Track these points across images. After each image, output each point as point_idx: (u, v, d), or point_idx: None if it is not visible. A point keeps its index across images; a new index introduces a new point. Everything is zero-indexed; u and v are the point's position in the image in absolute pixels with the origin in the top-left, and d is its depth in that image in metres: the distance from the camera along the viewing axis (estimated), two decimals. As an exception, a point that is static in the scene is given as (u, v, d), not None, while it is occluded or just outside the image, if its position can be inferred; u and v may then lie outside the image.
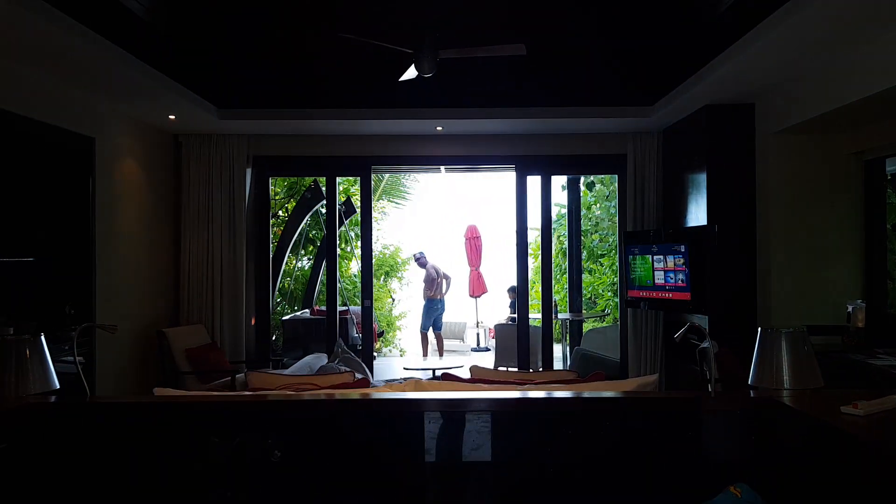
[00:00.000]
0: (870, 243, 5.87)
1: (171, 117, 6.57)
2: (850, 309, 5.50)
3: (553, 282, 14.00)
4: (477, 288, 13.57)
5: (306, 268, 12.02)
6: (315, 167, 7.70)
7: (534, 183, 7.82)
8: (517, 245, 7.79)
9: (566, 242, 10.34)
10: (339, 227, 10.75)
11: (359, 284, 13.06)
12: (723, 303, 6.14)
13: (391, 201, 15.09)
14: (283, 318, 8.70)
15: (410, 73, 4.99)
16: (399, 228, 15.50)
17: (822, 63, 4.97)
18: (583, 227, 12.79)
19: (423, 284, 12.10)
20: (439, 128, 7.13)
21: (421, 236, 15.88)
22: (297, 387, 2.79)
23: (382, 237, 14.94)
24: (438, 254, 16.18)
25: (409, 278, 15.29)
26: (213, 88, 6.47)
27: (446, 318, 13.26)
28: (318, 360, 5.64)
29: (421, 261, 12.37)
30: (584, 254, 13.06)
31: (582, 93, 6.77)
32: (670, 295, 6.50)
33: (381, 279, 14.60)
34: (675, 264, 6.41)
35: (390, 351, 13.34)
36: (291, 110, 6.81)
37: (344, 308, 9.59)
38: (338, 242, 11.60)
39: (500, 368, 8.29)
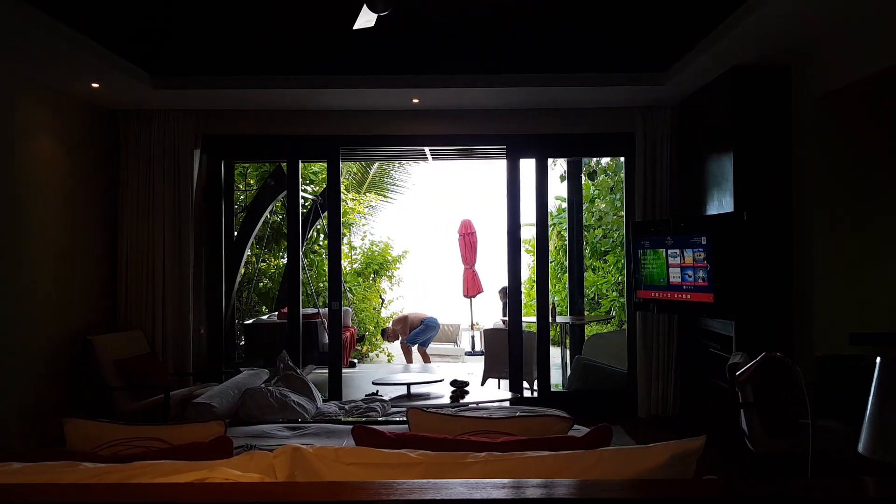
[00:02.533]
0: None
1: (95, 86, 5.54)
2: (914, 314, 4.45)
3: (553, 281, 13.12)
4: (472, 287, 12.59)
5: (283, 265, 11.00)
6: (274, 149, 6.67)
7: (529, 169, 6.79)
8: (508, 239, 6.76)
9: (567, 238, 9.28)
10: (316, 221, 9.72)
11: (342, 283, 12.16)
12: (752, 305, 5.09)
13: (380, 194, 14.05)
14: (245, 322, 7.68)
15: (365, 16, 3.96)
16: (389, 223, 14.48)
17: (879, 5, 3.93)
18: (585, 222, 11.79)
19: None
20: (416, 99, 6.09)
21: (412, 232, 14.89)
22: (129, 448, 1.80)
23: (371, 233, 13.93)
24: (431, 252, 15.21)
25: (400, 276, 14.24)
26: (145, 52, 5.45)
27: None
28: (253, 378, 4.62)
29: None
30: (587, 250, 12.06)
31: (582, 56, 5.72)
32: (688, 296, 5.45)
33: (371, 278, 13.58)
34: (694, 259, 5.36)
35: (377, 356, 12.30)
36: (240, 77, 5.78)
37: (314, 311, 8.56)
38: (308, 237, 10.60)
39: (490, 380, 7.26)
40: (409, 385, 5.74)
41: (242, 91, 5.89)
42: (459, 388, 5.65)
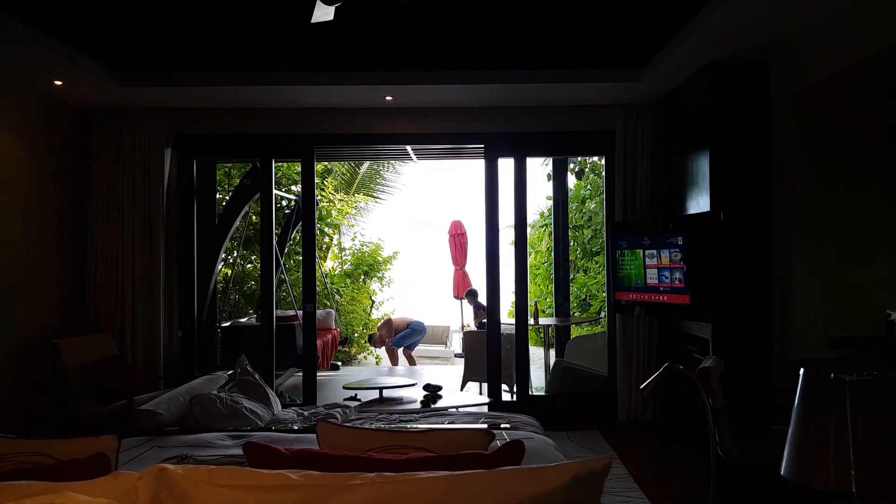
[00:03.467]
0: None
1: (58, 83, 5.42)
2: (893, 316, 4.30)
3: (547, 282, 12.96)
4: (462, 288, 12.44)
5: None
6: (248, 148, 6.54)
7: (509, 168, 6.62)
8: (486, 240, 6.62)
9: (553, 238, 9.13)
10: (300, 221, 9.56)
11: (329, 285, 12.02)
12: (729, 307, 4.95)
13: (370, 195, 13.92)
14: (223, 325, 7.55)
15: (321, 9, 3.83)
16: (381, 224, 14.35)
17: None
18: (576, 222, 11.65)
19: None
20: (389, 97, 5.96)
21: (403, 233, 14.75)
22: (9, 464, 1.67)
23: (362, 234, 13.80)
24: (421, 252, 15.07)
25: (390, 277, 14.10)
26: (110, 50, 5.32)
27: (428, 321, 12.13)
28: (209, 383, 4.49)
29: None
30: (579, 251, 11.91)
31: (560, 52, 5.59)
32: (665, 298, 5.31)
33: (361, 279, 13.44)
34: (671, 260, 5.22)
35: (366, 358, 12.16)
36: (209, 74, 5.66)
37: (292, 313, 8.42)
38: (292, 237, 10.46)
39: (469, 386, 7.12)
40: (381, 389, 5.60)
41: (213, 89, 5.77)
42: (432, 392, 5.51)
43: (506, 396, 6.65)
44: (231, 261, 9.45)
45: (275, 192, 9.91)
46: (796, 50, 4.57)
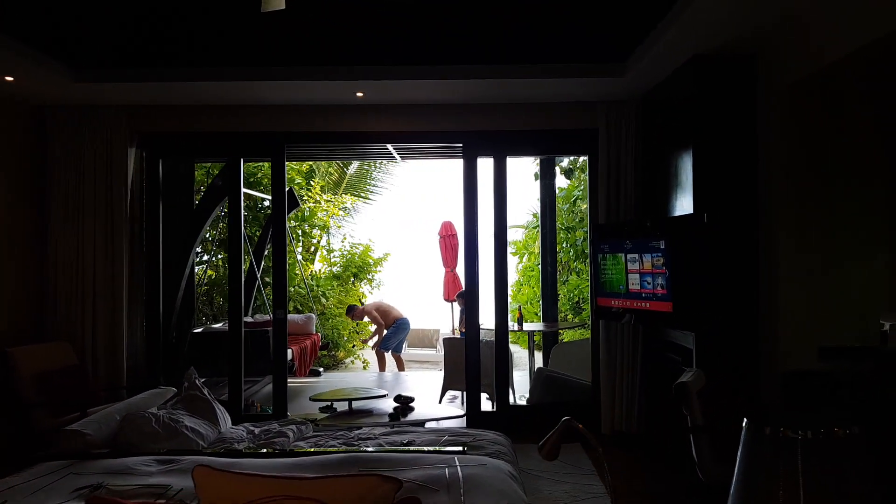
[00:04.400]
0: (912, 236, 4.38)
1: (9, 79, 5.15)
2: (885, 326, 4.02)
3: (531, 285, 12.66)
4: (453, 291, 12.15)
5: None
6: (216, 147, 6.27)
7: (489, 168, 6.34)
8: (465, 243, 6.35)
9: (540, 240, 8.85)
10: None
11: (315, 287, 11.75)
12: (714, 316, 4.66)
13: (358, 196, 13.65)
14: (194, 331, 7.28)
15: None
16: (371, 225, 14.09)
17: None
18: (568, 223, 11.37)
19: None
20: (359, 93, 5.69)
21: (394, 234, 14.50)
22: None
23: (351, 235, 13.52)
24: (412, 254, 14.79)
25: (380, 279, 13.82)
26: (65, 44, 5.05)
27: (417, 324, 11.86)
28: (154, 398, 4.21)
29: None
30: (571, 252, 11.62)
31: (540, 46, 5.30)
32: (647, 304, 5.02)
33: (350, 281, 13.16)
34: (653, 265, 4.94)
35: (353, 362, 11.89)
36: (171, 69, 5.41)
37: (267, 318, 8.15)
38: (257, 238, 10.17)
39: (449, 395, 6.84)
40: (350, 401, 5.32)
41: (176, 84, 5.51)
42: (403, 404, 5.24)
43: (487, 405, 6.37)
44: (214, 263, 9.17)
45: (254, 192, 9.72)
46: (785, 42, 4.29)
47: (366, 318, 10.52)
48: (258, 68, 5.36)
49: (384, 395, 5.39)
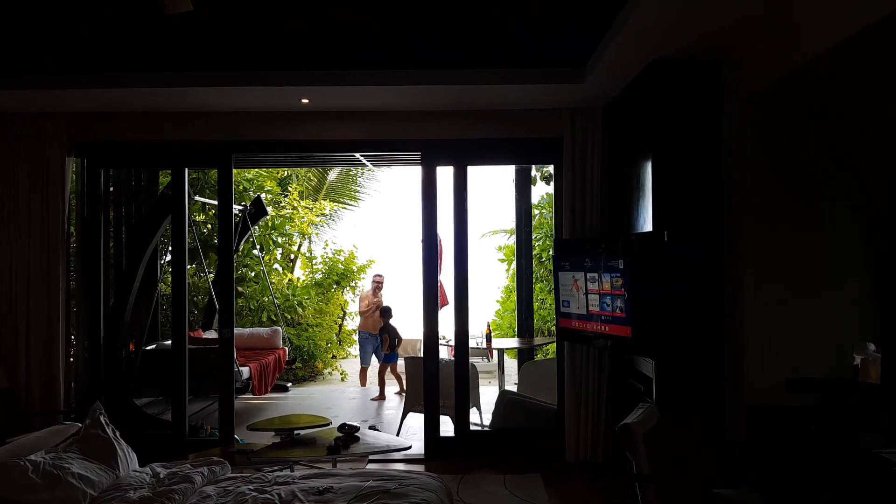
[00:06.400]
0: (888, 258, 4.01)
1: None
2: (857, 360, 3.65)
3: (513, 299, 12.27)
4: (439, 299, 11.77)
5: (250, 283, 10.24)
6: (160, 156, 5.92)
7: (472, 175, 5.96)
8: (424, 253, 6.02)
9: (515, 251, 8.48)
10: (246, 233, 8.97)
11: (291, 297, 11.39)
12: (675, 342, 4.30)
13: (340, 201, 13.31)
14: (145, 348, 6.94)
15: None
16: (351, 231, 13.74)
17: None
18: (549, 232, 10.99)
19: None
20: (304, 100, 5.34)
21: (378, 240, 14.15)
22: None
23: (334, 241, 13.18)
24: (396, 261, 14.42)
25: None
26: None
27: (403, 334, 11.41)
28: (52, 437, 3.84)
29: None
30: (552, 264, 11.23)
31: (497, 49, 4.96)
32: (607, 328, 4.66)
33: (332, 289, 12.80)
34: (612, 286, 4.57)
35: (330, 374, 11.54)
36: (104, 76, 5.09)
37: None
38: (240, 249, 9.84)
39: (410, 417, 6.48)
40: (291, 431, 4.97)
41: (112, 91, 5.18)
42: (347, 433, 4.88)
43: (449, 430, 6.00)
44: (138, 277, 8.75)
45: (208, 201, 9.36)
46: (752, 44, 3.92)
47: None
48: (195, 73, 5.02)
49: (327, 425, 5.03)
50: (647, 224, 4.52)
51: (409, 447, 4.77)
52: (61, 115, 5.63)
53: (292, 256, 12.75)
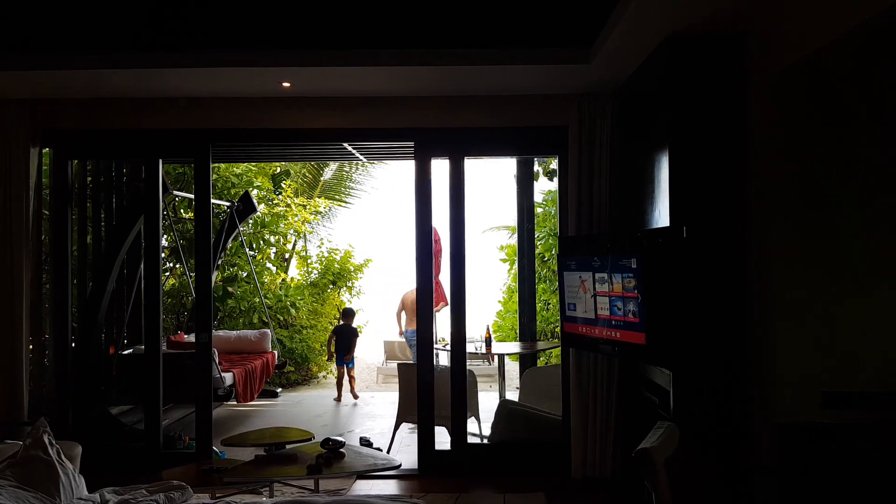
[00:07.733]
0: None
1: None
2: (907, 372, 3.18)
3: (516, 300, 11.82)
4: (436, 299, 11.34)
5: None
6: (133, 146, 5.49)
7: (474, 168, 5.51)
8: (417, 255, 5.58)
9: (517, 250, 8.03)
10: (234, 231, 8.52)
11: (283, 298, 10.94)
12: (694, 350, 3.84)
13: (336, 198, 12.87)
14: (122, 353, 6.50)
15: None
16: (348, 230, 13.32)
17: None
18: (554, 229, 10.53)
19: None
20: (286, 83, 4.90)
21: (377, 239, 13.74)
22: None
23: (330, 240, 12.74)
24: (394, 260, 13.99)
25: (360, 287, 13.01)
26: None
27: (395, 335, 10.98)
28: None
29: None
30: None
31: (497, 27, 4.53)
32: (618, 334, 4.20)
33: (328, 289, 12.36)
34: (623, 287, 4.12)
35: (325, 377, 11.09)
36: (65, 55, 4.64)
37: (217, 334, 7.35)
38: (228, 247, 9.40)
39: (404, 426, 6.03)
40: (270, 448, 4.52)
41: (80, 73, 4.75)
42: (331, 449, 4.44)
43: (445, 443, 5.54)
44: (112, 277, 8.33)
45: (186, 195, 8.92)
46: (782, 12, 3.46)
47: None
48: (164, 53, 4.57)
49: (309, 440, 4.58)
50: (662, 219, 4.07)
51: (399, 465, 4.32)
52: (24, 102, 5.20)
53: (286, 255, 12.32)
